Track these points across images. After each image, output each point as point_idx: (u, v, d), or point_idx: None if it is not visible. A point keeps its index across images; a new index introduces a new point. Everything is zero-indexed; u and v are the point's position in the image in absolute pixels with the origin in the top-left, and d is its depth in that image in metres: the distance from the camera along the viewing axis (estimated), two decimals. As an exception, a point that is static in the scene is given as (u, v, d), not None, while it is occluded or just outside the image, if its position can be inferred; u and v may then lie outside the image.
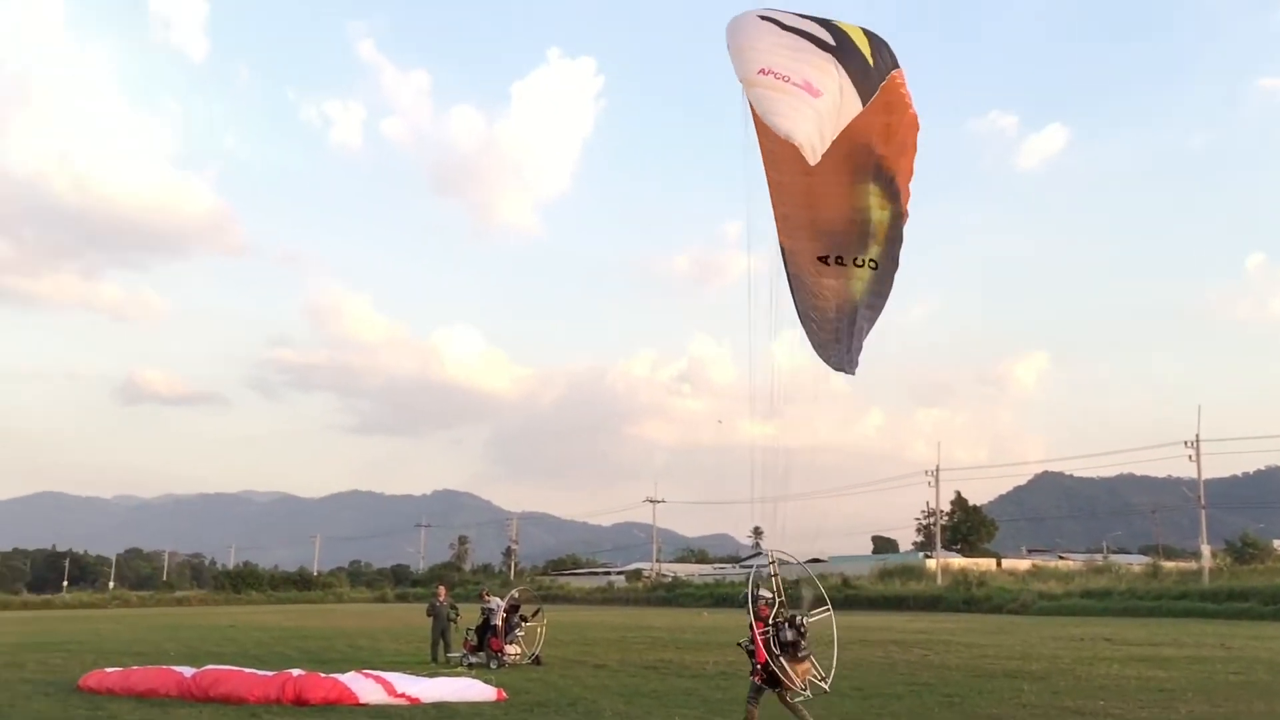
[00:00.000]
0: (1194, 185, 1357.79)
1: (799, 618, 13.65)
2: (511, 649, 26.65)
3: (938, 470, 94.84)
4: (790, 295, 13.73)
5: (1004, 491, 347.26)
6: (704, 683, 21.96)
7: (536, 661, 26.39)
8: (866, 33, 11.47)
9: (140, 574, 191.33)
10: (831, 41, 10.91)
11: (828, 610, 14.10)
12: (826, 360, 13.75)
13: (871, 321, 13.80)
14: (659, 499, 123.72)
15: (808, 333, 13.79)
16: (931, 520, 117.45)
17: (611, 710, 17.44)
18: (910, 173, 13.25)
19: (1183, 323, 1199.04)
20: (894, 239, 13.55)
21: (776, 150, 11.99)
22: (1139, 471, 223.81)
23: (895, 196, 13.24)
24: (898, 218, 13.40)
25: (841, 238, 13.35)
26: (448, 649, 28.93)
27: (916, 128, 12.68)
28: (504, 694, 19.34)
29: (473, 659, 26.73)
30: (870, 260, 13.42)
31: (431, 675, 21.73)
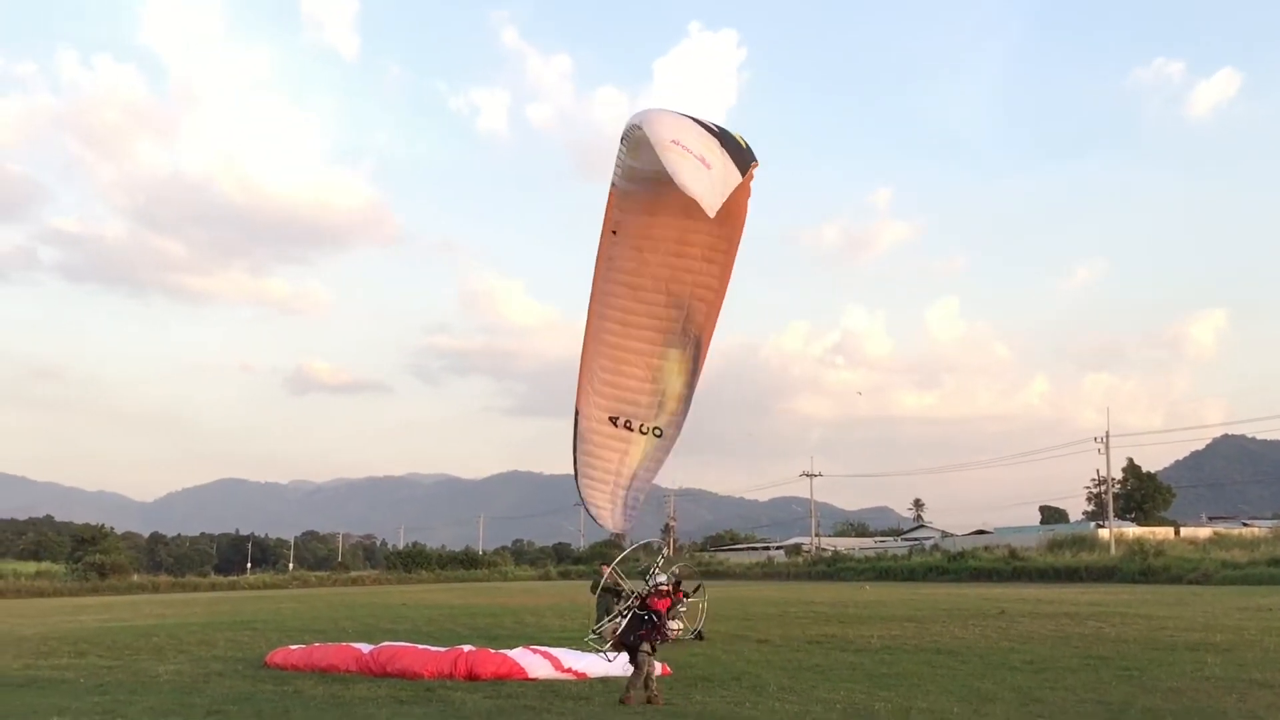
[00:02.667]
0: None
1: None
2: (673, 624, 26.79)
3: (1107, 436, 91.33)
4: (572, 451, 15.42)
5: (1180, 457, 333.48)
6: (869, 657, 21.69)
7: (699, 637, 26.52)
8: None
9: (317, 555, 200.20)
10: (716, 128, 12.85)
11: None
12: (595, 517, 15.72)
13: (648, 484, 15.52)
14: (816, 473, 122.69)
15: (579, 486, 15.49)
16: (1103, 489, 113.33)
17: (776, 684, 17.37)
18: (727, 282, 14.55)
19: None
20: (686, 402, 15.15)
21: (609, 291, 14.44)
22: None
23: (695, 360, 14.91)
24: (693, 377, 15.00)
25: (635, 403, 15.08)
26: (611, 625, 29.31)
27: (740, 228, 14.25)
28: (668, 669, 19.47)
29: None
30: (655, 429, 15.13)
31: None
